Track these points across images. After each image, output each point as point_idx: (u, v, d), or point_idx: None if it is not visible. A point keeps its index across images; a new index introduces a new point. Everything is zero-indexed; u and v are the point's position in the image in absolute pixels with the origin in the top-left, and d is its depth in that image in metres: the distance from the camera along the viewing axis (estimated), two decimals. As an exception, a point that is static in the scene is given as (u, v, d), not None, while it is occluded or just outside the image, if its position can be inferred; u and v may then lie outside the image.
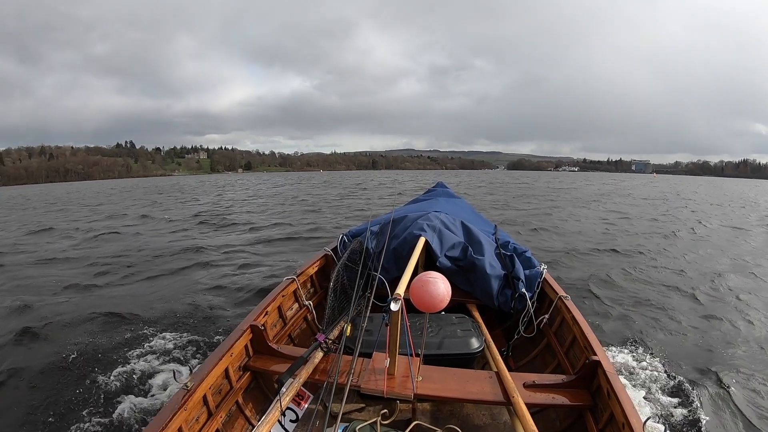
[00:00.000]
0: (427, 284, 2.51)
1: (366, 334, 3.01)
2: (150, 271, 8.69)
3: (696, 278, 8.13)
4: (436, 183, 7.34)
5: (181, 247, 10.91)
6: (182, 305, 6.30)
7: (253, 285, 7.23)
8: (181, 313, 5.94)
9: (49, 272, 8.88)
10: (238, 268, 8.51)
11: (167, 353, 4.68)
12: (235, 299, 6.62)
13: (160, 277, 8.24)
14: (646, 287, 7.47)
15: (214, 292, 7.01)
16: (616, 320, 5.94)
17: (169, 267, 8.92)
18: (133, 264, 9.38)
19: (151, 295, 6.99)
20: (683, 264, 9.27)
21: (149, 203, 27.85)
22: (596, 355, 2.89)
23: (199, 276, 8.10)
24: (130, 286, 7.71)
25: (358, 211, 18.57)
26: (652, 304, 6.62)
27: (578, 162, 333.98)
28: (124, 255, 10.34)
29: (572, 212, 19.01)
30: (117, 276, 8.42)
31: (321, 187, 42.17)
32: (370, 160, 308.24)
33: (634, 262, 9.30)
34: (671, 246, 11.36)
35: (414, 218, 4.74)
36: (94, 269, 9.06)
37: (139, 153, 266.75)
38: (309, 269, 4.57)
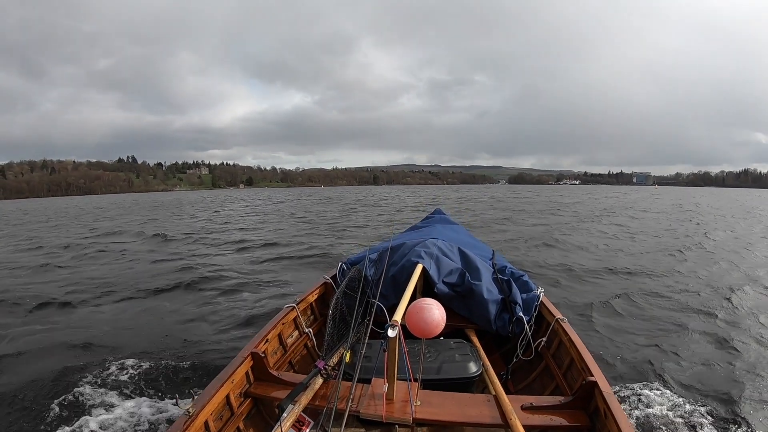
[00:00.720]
0: (422, 311, 2.58)
1: (365, 360, 3.07)
2: (137, 292, 8.53)
3: (708, 295, 8.02)
4: (434, 210, 7.42)
5: (171, 267, 10.77)
6: (176, 330, 6.27)
7: (241, 312, 7.05)
8: (175, 338, 5.91)
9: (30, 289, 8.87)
10: (225, 293, 8.30)
11: (164, 380, 4.70)
12: (226, 325, 6.51)
13: (148, 299, 8.11)
14: (660, 307, 7.34)
15: (204, 317, 6.88)
16: (625, 343, 5.85)
17: (158, 287, 8.77)
18: (120, 285, 9.18)
19: (141, 319, 6.92)
20: (695, 281, 9.17)
21: (145, 220, 27.64)
22: (593, 376, 2.94)
23: (188, 299, 7.95)
24: (119, 308, 7.60)
25: (357, 228, 18.56)
26: (661, 323, 6.53)
27: (579, 175, 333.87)
28: (111, 275, 10.19)
29: (581, 228, 18.70)
30: (106, 298, 8.26)
31: (321, 204, 41.96)
32: (371, 176, 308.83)
33: (646, 281, 9.12)
34: (682, 262, 11.31)
35: (411, 245, 4.80)
36: (79, 288, 8.95)
37: (141, 168, 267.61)
38: (309, 297, 4.63)
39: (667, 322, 6.58)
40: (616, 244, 14.27)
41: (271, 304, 7.21)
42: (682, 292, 8.13)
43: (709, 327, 6.39)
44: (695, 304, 7.38)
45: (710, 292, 8.15)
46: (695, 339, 5.98)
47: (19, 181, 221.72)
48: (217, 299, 7.84)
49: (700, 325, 6.45)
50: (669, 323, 6.53)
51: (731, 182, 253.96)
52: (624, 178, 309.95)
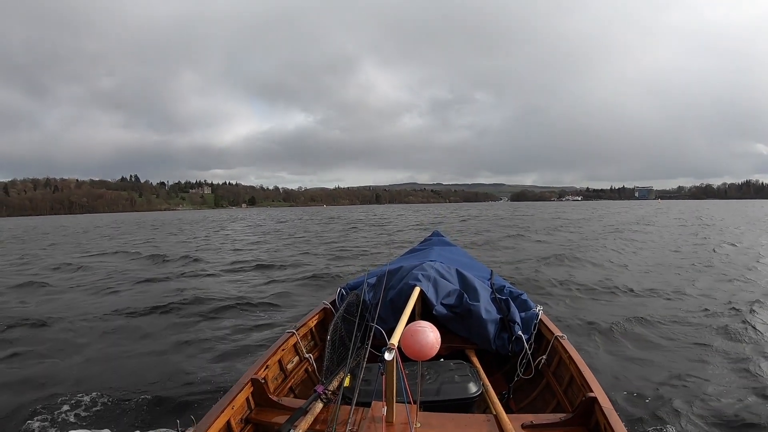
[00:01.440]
0: (416, 333, 2.61)
1: (364, 383, 3.08)
2: (133, 316, 8.30)
3: (723, 312, 7.72)
4: (432, 232, 7.48)
5: (165, 290, 10.58)
6: (173, 357, 6.16)
7: (237, 337, 6.88)
8: (171, 366, 5.82)
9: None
10: (220, 317, 8.07)
11: (162, 408, 4.66)
12: (225, 352, 6.33)
13: (144, 324, 7.86)
14: (676, 325, 7.10)
15: (201, 343, 6.70)
16: (632, 364, 5.64)
17: (153, 311, 8.57)
18: (114, 308, 8.90)
19: (135, 346, 6.72)
20: (709, 299, 8.76)
21: (143, 240, 27.31)
22: (593, 392, 2.94)
23: (184, 324, 7.73)
24: (112, 334, 7.35)
25: (356, 255, 17.78)
26: (675, 344, 6.28)
27: (581, 191, 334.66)
28: (99, 298, 10.01)
29: (594, 246, 18.12)
30: (99, 322, 8.01)
31: (323, 224, 41.68)
32: (373, 195, 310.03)
33: (659, 300, 8.86)
34: (695, 277, 11.07)
35: (409, 269, 4.83)
36: (62, 313, 8.72)
37: (144, 187, 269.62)
38: (309, 322, 4.65)
39: (681, 342, 6.37)
40: (629, 260, 14.00)
41: (266, 331, 7.08)
42: (698, 312, 7.81)
43: (725, 347, 6.10)
44: (710, 324, 7.06)
45: (725, 309, 7.92)
46: (708, 359, 5.73)
47: (22, 199, 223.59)
48: (213, 324, 7.67)
49: (715, 344, 6.20)
50: (683, 343, 6.29)
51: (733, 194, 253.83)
52: (626, 193, 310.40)
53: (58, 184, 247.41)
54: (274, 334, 6.80)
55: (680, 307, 8.15)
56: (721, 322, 7.12)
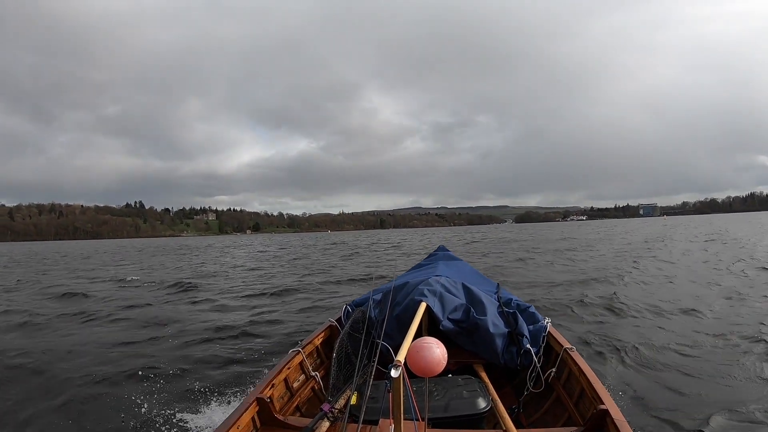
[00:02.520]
0: (422, 350, 2.58)
1: (371, 401, 3.03)
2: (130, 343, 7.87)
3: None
4: (438, 247, 7.48)
5: (168, 317, 10.10)
6: (175, 378, 5.97)
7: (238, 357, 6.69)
8: (174, 386, 5.67)
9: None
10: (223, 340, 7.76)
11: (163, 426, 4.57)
12: (228, 372, 6.14)
13: (148, 346, 7.57)
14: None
15: (205, 363, 6.55)
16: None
17: (158, 335, 8.27)
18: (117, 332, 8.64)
19: (139, 367, 6.39)
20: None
21: (140, 268, 26.05)
22: (604, 404, 2.89)
23: (184, 345, 7.51)
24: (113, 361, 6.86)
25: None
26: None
27: (586, 210, 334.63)
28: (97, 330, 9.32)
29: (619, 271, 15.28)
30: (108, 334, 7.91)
31: (325, 252, 40.22)
32: (377, 220, 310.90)
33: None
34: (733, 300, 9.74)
35: (415, 284, 4.80)
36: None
37: (148, 213, 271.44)
38: (314, 340, 4.62)
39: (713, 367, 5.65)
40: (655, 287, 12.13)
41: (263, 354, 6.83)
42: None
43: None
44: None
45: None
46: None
47: (27, 224, 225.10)
48: (216, 347, 7.45)
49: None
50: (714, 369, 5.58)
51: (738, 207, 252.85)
52: (631, 211, 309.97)
53: (63, 210, 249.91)
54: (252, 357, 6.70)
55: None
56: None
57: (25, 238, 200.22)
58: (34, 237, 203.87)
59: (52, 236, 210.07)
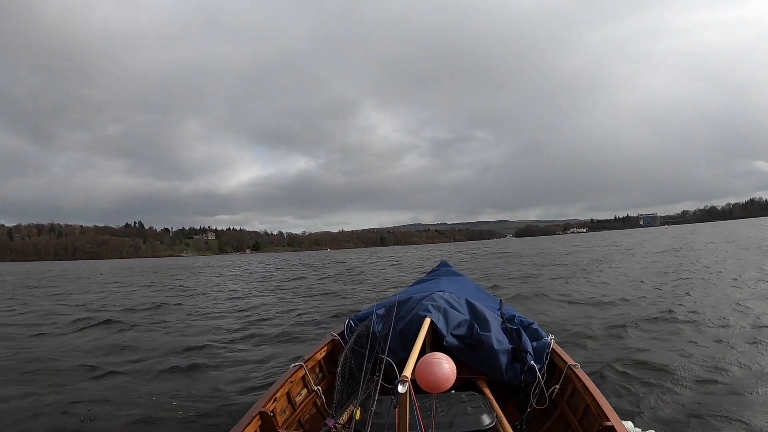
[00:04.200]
0: (432, 365, 2.59)
1: (376, 417, 3.03)
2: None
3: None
4: (440, 262, 7.51)
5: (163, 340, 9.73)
6: (174, 395, 5.87)
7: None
8: (174, 403, 5.57)
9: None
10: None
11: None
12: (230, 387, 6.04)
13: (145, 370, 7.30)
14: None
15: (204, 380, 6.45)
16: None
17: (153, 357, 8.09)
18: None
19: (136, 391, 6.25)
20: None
21: (110, 291, 24.21)
22: (609, 421, 2.89)
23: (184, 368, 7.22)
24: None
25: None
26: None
27: (586, 222, 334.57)
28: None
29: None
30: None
31: (321, 272, 38.19)
32: (377, 237, 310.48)
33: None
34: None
35: (419, 299, 4.82)
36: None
37: (148, 233, 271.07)
38: (316, 355, 4.63)
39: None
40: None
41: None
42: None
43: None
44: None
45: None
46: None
47: (26, 244, 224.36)
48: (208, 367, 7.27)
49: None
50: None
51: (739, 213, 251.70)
52: (631, 222, 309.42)
53: (63, 230, 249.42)
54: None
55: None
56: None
57: (25, 258, 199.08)
58: (33, 257, 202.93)
59: (51, 256, 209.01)
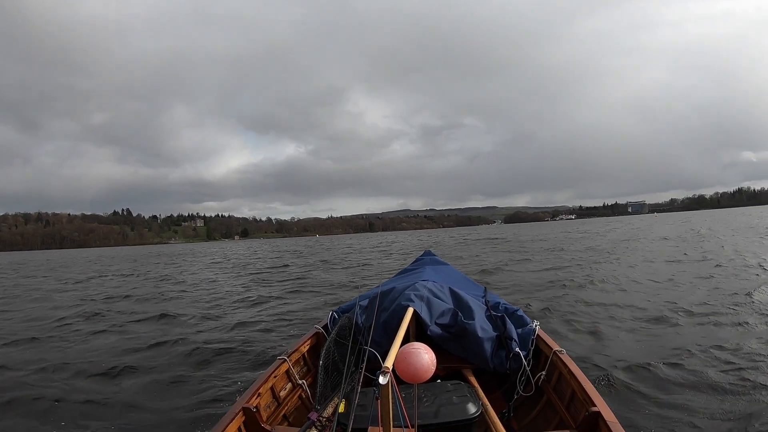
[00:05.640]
0: (410, 356, 2.54)
1: (359, 409, 2.99)
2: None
3: None
4: (424, 251, 7.46)
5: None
6: (155, 394, 5.63)
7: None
8: (155, 402, 5.37)
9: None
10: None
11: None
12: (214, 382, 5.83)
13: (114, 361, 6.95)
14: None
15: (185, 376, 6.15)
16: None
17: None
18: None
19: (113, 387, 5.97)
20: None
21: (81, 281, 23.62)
22: (596, 407, 2.88)
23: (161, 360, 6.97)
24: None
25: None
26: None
27: (574, 209, 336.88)
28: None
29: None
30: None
31: (305, 257, 37.83)
32: (366, 223, 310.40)
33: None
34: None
35: (401, 289, 4.76)
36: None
37: (136, 221, 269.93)
38: (301, 348, 4.56)
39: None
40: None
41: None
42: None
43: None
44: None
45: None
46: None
47: (13, 234, 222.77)
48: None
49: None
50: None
51: (726, 203, 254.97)
52: (619, 209, 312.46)
53: (50, 219, 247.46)
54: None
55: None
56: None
57: (12, 247, 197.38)
58: (20, 247, 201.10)
59: (38, 246, 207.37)
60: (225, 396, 5.32)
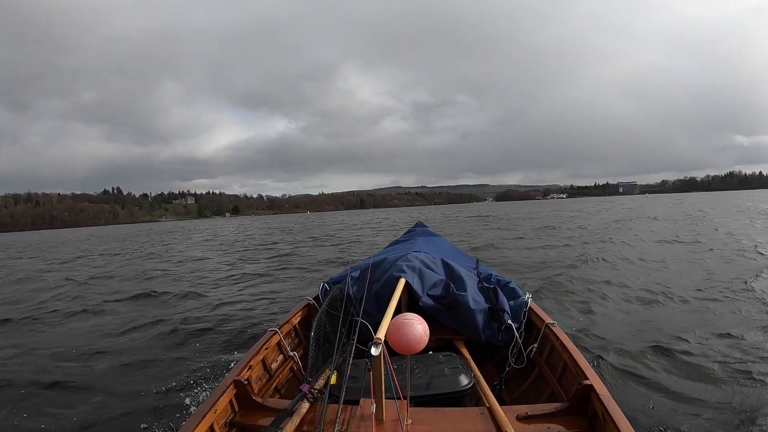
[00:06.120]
0: (403, 326, 2.50)
1: (351, 380, 2.96)
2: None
3: None
4: (416, 223, 7.40)
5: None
6: (143, 365, 5.75)
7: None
8: (143, 375, 5.46)
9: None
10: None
11: (137, 418, 4.36)
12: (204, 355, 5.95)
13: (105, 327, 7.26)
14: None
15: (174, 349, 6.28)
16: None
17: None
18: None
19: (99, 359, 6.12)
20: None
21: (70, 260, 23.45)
22: (588, 380, 2.86)
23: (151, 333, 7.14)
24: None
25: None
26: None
27: (566, 189, 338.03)
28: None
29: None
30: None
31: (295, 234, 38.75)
32: (358, 200, 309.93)
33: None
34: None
35: (393, 260, 4.72)
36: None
37: (127, 199, 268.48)
38: (292, 319, 4.50)
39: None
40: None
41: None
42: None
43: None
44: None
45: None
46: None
47: (3, 215, 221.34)
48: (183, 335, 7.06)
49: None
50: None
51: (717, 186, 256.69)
52: (611, 189, 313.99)
53: (40, 199, 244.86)
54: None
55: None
56: None
57: (3, 229, 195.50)
58: (10, 228, 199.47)
59: (29, 226, 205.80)
60: (205, 376, 5.28)
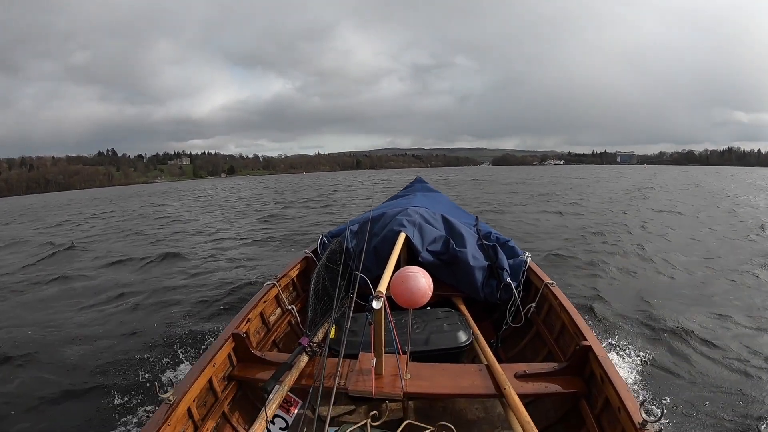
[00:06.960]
0: (408, 279, 2.45)
1: (351, 334, 2.95)
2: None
3: None
4: (415, 178, 7.33)
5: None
6: (142, 320, 5.93)
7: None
8: (143, 328, 5.58)
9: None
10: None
11: (137, 372, 4.46)
12: (201, 309, 6.15)
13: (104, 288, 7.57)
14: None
15: (174, 303, 6.49)
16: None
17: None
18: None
19: (101, 313, 6.37)
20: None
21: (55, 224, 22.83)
22: (587, 341, 2.85)
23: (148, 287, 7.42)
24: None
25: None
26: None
27: (563, 155, 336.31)
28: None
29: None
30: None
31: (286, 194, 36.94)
32: (354, 161, 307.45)
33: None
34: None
35: (393, 215, 4.66)
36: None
37: (121, 161, 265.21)
38: (290, 272, 4.47)
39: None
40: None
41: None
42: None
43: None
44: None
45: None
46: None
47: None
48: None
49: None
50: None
51: (715, 160, 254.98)
52: (608, 158, 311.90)
53: (34, 163, 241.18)
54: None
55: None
56: None
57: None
58: (5, 193, 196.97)
59: (23, 191, 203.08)
60: (203, 332, 5.34)
